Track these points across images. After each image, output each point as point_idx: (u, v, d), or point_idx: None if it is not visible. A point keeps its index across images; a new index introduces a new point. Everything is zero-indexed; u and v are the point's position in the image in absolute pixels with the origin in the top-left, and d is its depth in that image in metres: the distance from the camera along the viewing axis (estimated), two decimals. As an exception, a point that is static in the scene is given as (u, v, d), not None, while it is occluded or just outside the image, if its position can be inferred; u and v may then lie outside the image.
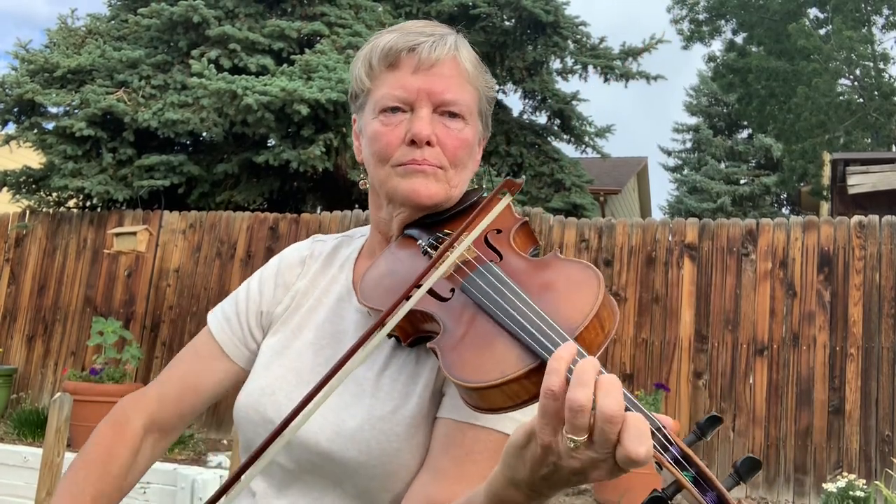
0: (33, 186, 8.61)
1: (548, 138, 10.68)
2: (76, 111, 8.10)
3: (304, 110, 7.32)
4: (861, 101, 16.02)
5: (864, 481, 5.09)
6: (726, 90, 20.03)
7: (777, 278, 5.96)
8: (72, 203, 8.85)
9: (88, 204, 8.74)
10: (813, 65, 15.28)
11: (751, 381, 5.89)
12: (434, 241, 1.00)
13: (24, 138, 8.36)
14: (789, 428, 5.74)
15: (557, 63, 10.54)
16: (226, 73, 7.82)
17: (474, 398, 0.81)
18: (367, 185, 1.11)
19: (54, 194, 8.62)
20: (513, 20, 9.84)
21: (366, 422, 0.95)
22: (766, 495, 5.71)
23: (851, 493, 4.72)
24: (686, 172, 28.70)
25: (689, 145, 29.66)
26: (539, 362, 0.75)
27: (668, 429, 0.68)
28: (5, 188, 8.64)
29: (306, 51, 8.25)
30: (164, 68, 8.53)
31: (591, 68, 10.24)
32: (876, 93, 15.94)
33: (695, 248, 6.18)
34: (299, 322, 1.11)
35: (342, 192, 8.81)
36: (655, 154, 34.49)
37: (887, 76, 16.74)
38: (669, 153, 30.01)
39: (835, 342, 5.76)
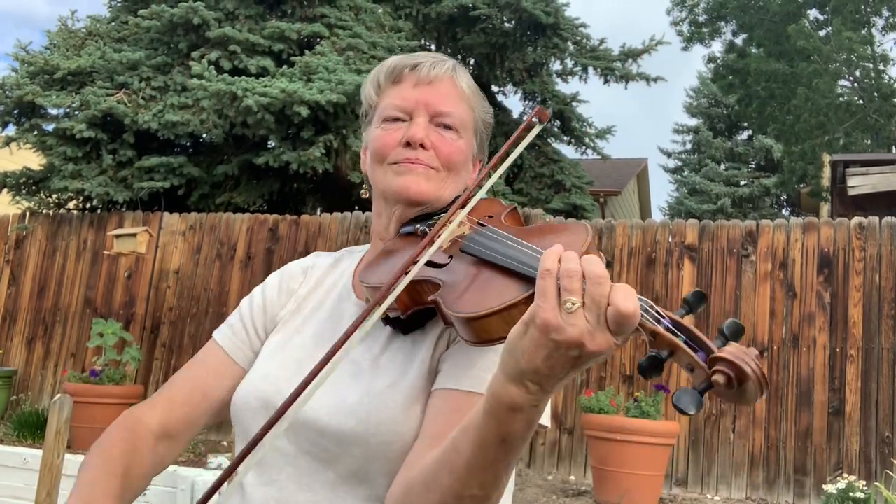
0: (33, 188, 8.62)
1: (548, 139, 10.68)
2: (76, 113, 8.11)
3: (304, 112, 7.32)
4: (861, 102, 16.02)
5: (865, 482, 5.09)
6: (726, 91, 20.05)
7: (777, 279, 5.96)
8: (72, 205, 8.86)
9: (88, 205, 8.74)
10: (813, 66, 15.28)
11: (751, 382, 5.88)
12: (427, 227, 1.07)
13: (24, 140, 8.37)
14: (789, 429, 5.74)
15: (557, 64, 10.56)
16: (226, 74, 7.82)
17: (476, 330, 0.84)
18: (367, 195, 1.20)
19: (54, 196, 8.62)
20: (513, 22, 9.85)
21: (365, 395, 1.00)
22: (766, 496, 5.71)
23: (851, 494, 4.72)
24: (686, 174, 28.70)
25: (688, 147, 29.67)
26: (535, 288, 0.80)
27: (658, 308, 0.74)
28: (5, 190, 8.64)
29: (306, 52, 8.25)
30: (165, 70, 8.53)
31: (591, 70, 10.25)
32: (876, 94, 15.94)
33: (695, 249, 6.18)
34: (302, 320, 1.16)
35: (342, 194, 8.81)
36: (655, 155, 34.56)
37: (887, 77, 16.74)
38: (669, 154, 30.03)
39: (835, 343, 5.76)
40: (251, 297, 1.24)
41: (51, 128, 8.29)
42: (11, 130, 8.64)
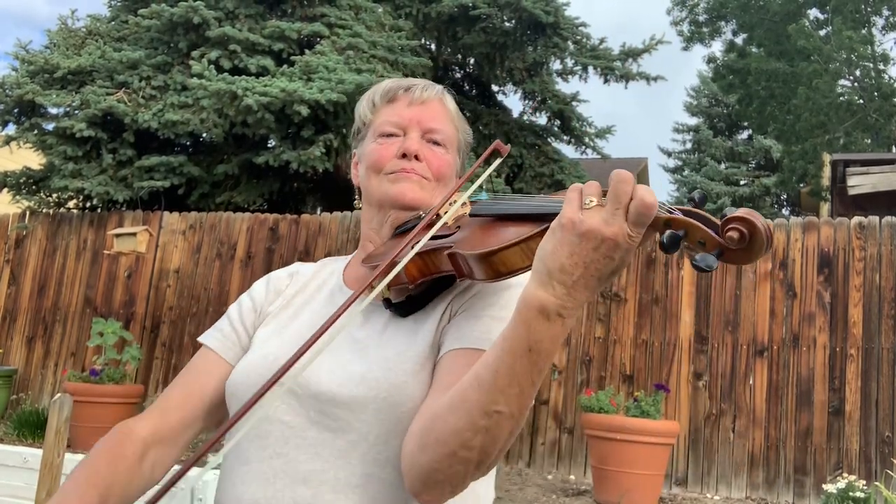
0: (33, 187, 8.61)
1: (548, 139, 10.68)
2: (76, 112, 8.10)
3: (304, 111, 7.32)
4: (861, 101, 16.02)
5: (865, 482, 5.09)
6: (726, 91, 20.03)
7: (777, 279, 5.96)
8: (72, 204, 8.85)
9: (88, 205, 8.74)
10: (813, 66, 15.28)
11: (751, 382, 5.89)
12: (424, 212, 1.15)
13: (24, 139, 8.36)
14: (789, 429, 5.74)
15: (557, 64, 10.54)
16: (226, 73, 7.81)
17: (495, 263, 0.92)
18: (360, 206, 1.27)
19: (54, 195, 8.62)
20: (513, 21, 9.84)
21: (374, 364, 1.06)
22: (766, 496, 5.71)
23: (851, 494, 4.72)
24: (686, 173, 28.69)
25: (689, 146, 29.64)
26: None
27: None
28: (5, 189, 8.64)
29: (306, 52, 8.25)
30: (165, 69, 8.53)
31: (591, 69, 10.24)
32: (876, 94, 15.94)
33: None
34: (294, 312, 1.22)
35: (342, 193, 8.81)
36: (655, 155, 34.54)
37: (887, 77, 16.74)
38: (669, 154, 30.01)
39: (835, 343, 5.76)
40: (240, 303, 1.30)
41: (51, 127, 8.29)
42: (11, 129, 8.63)
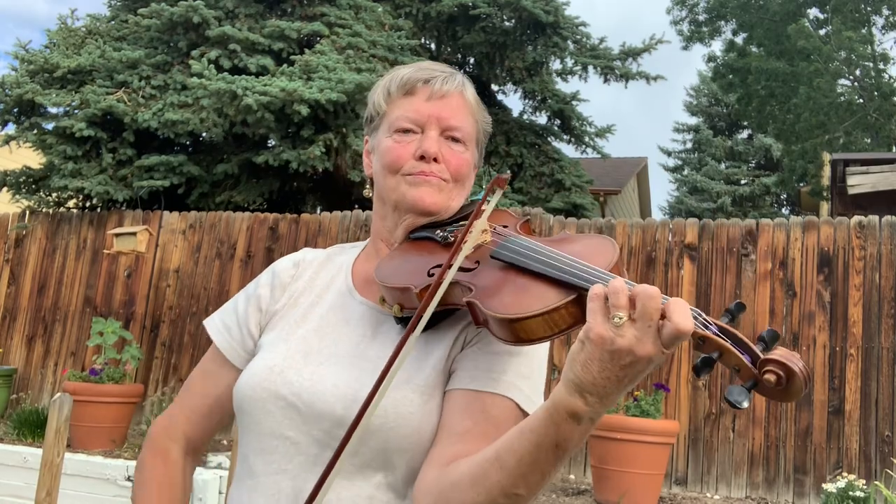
0: (33, 187, 8.61)
1: (548, 138, 10.68)
2: (76, 111, 8.10)
3: (304, 110, 7.32)
4: (861, 101, 16.01)
5: (864, 482, 5.09)
6: (726, 90, 20.04)
7: (777, 278, 5.96)
8: (71, 203, 8.85)
9: (88, 204, 8.74)
10: (814, 65, 15.28)
11: (751, 381, 5.88)
12: (448, 234, 1.12)
13: (23, 138, 8.36)
14: (789, 428, 5.74)
15: (557, 63, 10.55)
16: (226, 73, 7.82)
17: (517, 330, 0.90)
18: (370, 194, 1.25)
19: (54, 194, 8.62)
20: (513, 20, 9.84)
21: (382, 389, 1.04)
22: (765, 495, 5.71)
23: (851, 493, 4.72)
24: (686, 172, 28.70)
25: (689, 145, 29.66)
26: (578, 294, 0.87)
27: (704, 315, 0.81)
28: (5, 188, 8.64)
29: (306, 51, 8.25)
30: (164, 69, 8.53)
31: (591, 69, 10.25)
32: (876, 93, 15.94)
33: (695, 248, 6.18)
34: (301, 315, 1.17)
35: (342, 193, 8.81)
36: (655, 154, 34.54)
37: (887, 76, 16.74)
38: (669, 153, 30.02)
39: (834, 342, 5.76)
40: (246, 293, 1.25)
41: (50, 126, 8.29)
42: (11, 129, 8.63)
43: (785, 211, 27.57)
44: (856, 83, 16.48)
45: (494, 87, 11.00)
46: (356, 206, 7.62)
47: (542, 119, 10.94)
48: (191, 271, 7.43)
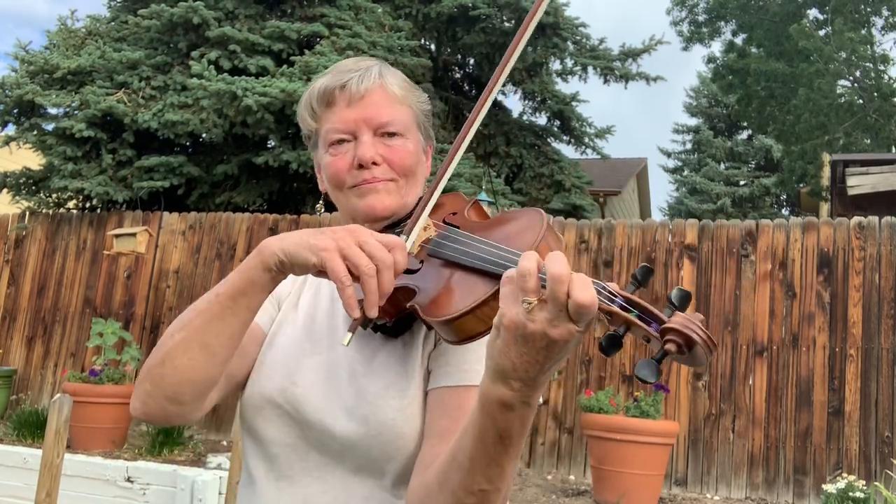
0: (33, 188, 8.61)
1: (547, 139, 10.68)
2: (76, 112, 8.11)
3: (304, 111, 7.31)
4: (861, 102, 16.02)
5: (864, 482, 5.09)
6: (726, 91, 20.05)
7: (777, 279, 5.96)
8: (71, 204, 8.85)
9: (88, 205, 8.75)
10: (815, 66, 15.28)
11: (750, 382, 5.89)
12: (401, 230, 1.11)
13: (23, 139, 8.37)
14: (789, 429, 5.74)
15: (557, 64, 10.56)
16: (226, 74, 7.82)
17: (454, 330, 0.90)
18: (321, 211, 1.25)
19: (54, 195, 8.62)
20: (512, 21, 9.85)
21: (362, 398, 1.04)
22: (765, 496, 5.71)
23: (851, 494, 4.72)
24: (686, 173, 28.71)
25: (688, 146, 29.66)
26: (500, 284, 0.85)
27: (610, 286, 0.78)
28: (5, 189, 8.64)
29: (306, 52, 8.25)
30: (164, 69, 8.53)
31: (590, 69, 10.26)
32: (876, 94, 15.94)
33: (694, 249, 6.18)
34: (301, 320, 1.17)
35: (342, 194, 8.79)
36: (655, 155, 34.56)
37: (887, 77, 16.74)
38: (669, 154, 30.02)
39: (834, 343, 5.76)
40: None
41: (50, 127, 8.29)
42: (11, 130, 8.64)
43: (785, 212, 27.57)
44: (856, 84, 16.49)
45: (494, 88, 10.98)
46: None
47: (541, 120, 10.95)
48: (191, 272, 7.43)
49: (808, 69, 15.44)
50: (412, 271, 1.02)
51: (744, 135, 28.77)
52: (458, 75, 11.35)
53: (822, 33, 16.85)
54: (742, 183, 27.26)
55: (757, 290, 5.99)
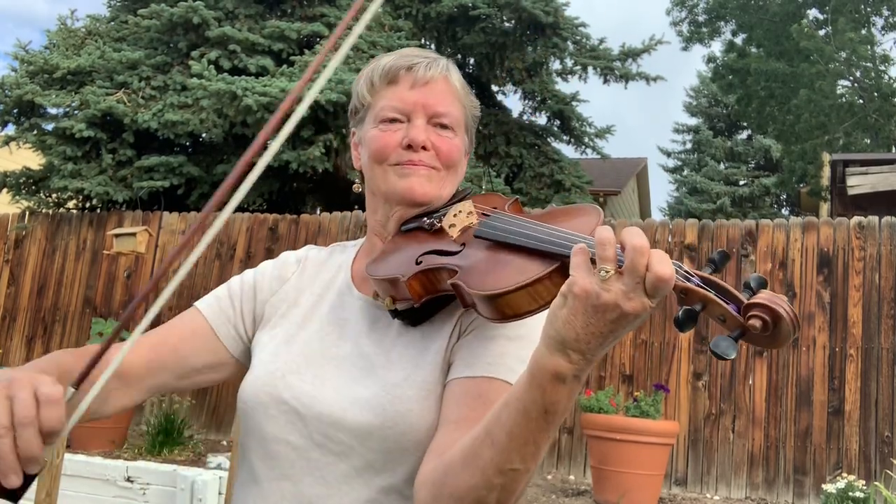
0: (33, 187, 8.61)
1: (547, 139, 10.67)
2: (76, 112, 8.11)
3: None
4: (861, 102, 16.02)
5: (864, 482, 5.09)
6: (726, 91, 20.05)
7: (776, 279, 5.96)
8: (71, 204, 8.85)
9: (88, 205, 8.74)
10: (815, 66, 15.29)
11: (750, 382, 5.89)
12: (434, 220, 1.10)
13: (23, 139, 8.37)
14: (789, 429, 5.74)
15: (557, 64, 10.54)
16: (225, 74, 7.82)
17: (501, 306, 0.89)
18: (359, 189, 1.22)
19: (54, 195, 8.62)
20: (512, 21, 9.84)
21: (380, 389, 1.02)
22: (765, 496, 5.71)
23: (851, 493, 4.72)
24: (686, 173, 28.71)
25: (688, 146, 29.66)
26: (561, 263, 0.85)
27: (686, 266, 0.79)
28: (5, 189, 8.64)
29: (306, 52, 8.25)
30: (164, 69, 8.53)
31: (590, 69, 10.25)
32: (876, 94, 15.94)
33: (694, 248, 6.18)
34: (303, 315, 1.16)
35: (342, 193, 8.80)
36: (655, 155, 34.54)
37: (887, 77, 16.74)
38: (669, 154, 30.03)
39: (834, 343, 5.76)
40: (242, 278, 1.24)
41: (50, 127, 8.29)
42: (11, 130, 8.64)
43: (784, 212, 27.57)
44: (856, 84, 16.49)
45: (494, 88, 10.99)
46: (356, 207, 7.61)
47: (541, 120, 10.94)
48: (190, 272, 7.42)
49: (809, 69, 15.44)
50: (451, 253, 1.01)
51: (744, 135, 28.77)
52: (457, 75, 11.35)
53: (822, 33, 16.84)
54: (742, 183, 27.27)
55: (757, 289, 5.99)
